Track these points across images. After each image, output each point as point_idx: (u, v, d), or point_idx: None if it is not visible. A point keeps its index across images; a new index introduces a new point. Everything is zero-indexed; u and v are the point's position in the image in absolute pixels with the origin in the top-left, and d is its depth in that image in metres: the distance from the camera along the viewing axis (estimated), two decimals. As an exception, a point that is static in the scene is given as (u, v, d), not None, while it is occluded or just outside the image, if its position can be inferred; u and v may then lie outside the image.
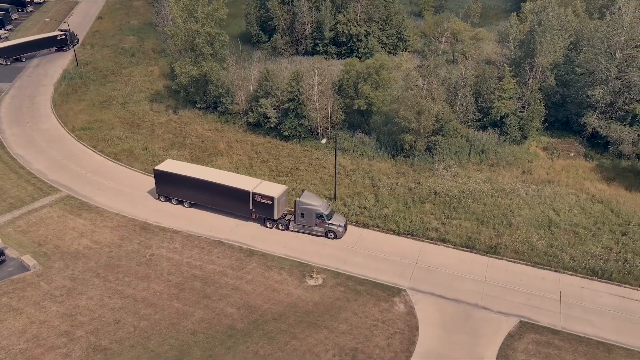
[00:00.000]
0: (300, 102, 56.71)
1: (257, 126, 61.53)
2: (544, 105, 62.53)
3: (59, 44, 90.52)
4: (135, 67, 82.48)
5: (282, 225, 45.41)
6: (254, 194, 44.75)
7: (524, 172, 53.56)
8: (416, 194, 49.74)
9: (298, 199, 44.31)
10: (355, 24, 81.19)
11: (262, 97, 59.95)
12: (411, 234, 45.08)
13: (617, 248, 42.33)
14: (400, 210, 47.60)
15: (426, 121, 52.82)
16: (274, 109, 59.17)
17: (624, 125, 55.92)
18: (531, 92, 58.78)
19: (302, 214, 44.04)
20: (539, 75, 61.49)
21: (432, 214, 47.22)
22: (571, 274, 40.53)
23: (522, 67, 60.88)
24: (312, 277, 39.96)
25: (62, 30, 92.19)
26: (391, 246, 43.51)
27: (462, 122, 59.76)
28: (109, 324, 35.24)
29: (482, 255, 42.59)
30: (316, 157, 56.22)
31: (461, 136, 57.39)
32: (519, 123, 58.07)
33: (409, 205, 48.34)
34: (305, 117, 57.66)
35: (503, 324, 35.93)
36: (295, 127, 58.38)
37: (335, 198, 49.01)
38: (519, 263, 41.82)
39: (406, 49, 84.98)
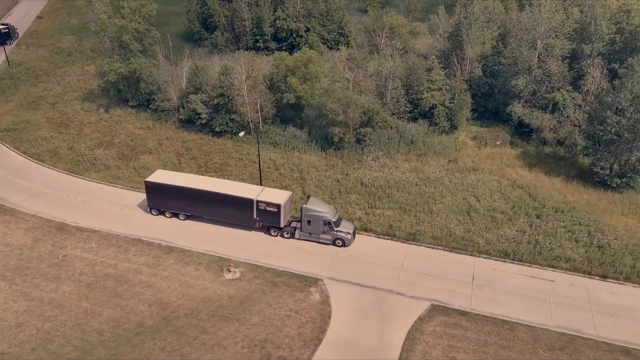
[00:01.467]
0: (230, 97, 56.30)
1: (189, 123, 60.71)
2: (474, 96, 64.11)
3: (3, 37, 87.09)
4: (70, 66, 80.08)
5: (287, 234, 43.35)
6: (258, 202, 42.35)
7: (450, 161, 54.61)
8: (343, 186, 50.07)
9: (304, 205, 42.31)
10: (295, 20, 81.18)
11: (192, 94, 59.22)
12: (334, 225, 45.32)
13: (530, 230, 43.65)
14: (326, 202, 47.78)
15: (353, 113, 53.21)
16: (205, 105, 58.50)
17: (546, 112, 57.77)
18: (460, 83, 59.99)
19: (309, 221, 42.10)
20: (468, 66, 62.94)
21: (357, 204, 47.62)
22: (485, 257, 41.55)
23: (451, 59, 62.20)
24: (229, 271, 39.67)
25: (3, 24, 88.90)
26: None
27: (393, 113, 60.55)
28: (10, 328, 34.05)
29: (402, 242, 43.19)
30: (247, 152, 55.89)
31: (391, 127, 58.13)
32: (447, 113, 59.21)
33: (335, 196, 48.63)
34: (236, 113, 57.26)
35: (415, 308, 36.50)
36: (226, 123, 57.87)
37: (261, 192, 48.83)
38: (437, 248, 42.62)
39: (348, 44, 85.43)
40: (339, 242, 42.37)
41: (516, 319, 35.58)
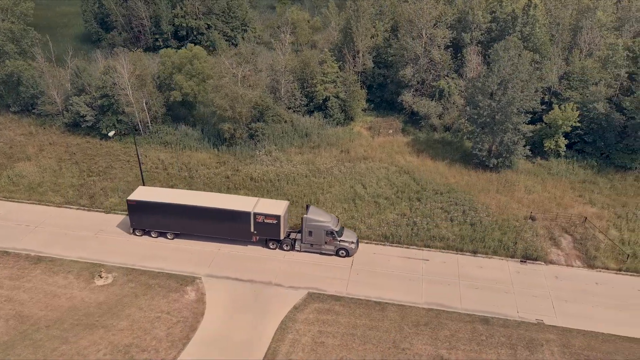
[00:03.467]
0: (115, 97, 54.04)
1: (75, 127, 57.76)
2: (370, 87, 65.60)
3: None
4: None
5: (287, 246, 40.88)
6: (255, 214, 39.68)
7: (342, 151, 55.37)
8: (232, 182, 49.41)
9: (305, 215, 39.87)
10: (195, 17, 79.55)
11: (75, 95, 56.33)
12: (219, 222, 44.63)
13: (410, 213, 45.02)
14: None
15: (242, 108, 52.67)
16: (90, 107, 55.82)
17: (433, 100, 59.97)
18: (351, 75, 61.00)
19: (310, 232, 39.78)
20: (361, 58, 64.15)
21: (244, 200, 47.13)
22: (367, 242, 42.35)
23: (343, 52, 63.13)
24: (100, 277, 37.93)
25: None
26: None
27: (289, 107, 60.67)
28: None
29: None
30: (135, 154, 53.86)
31: (285, 121, 58.14)
32: (340, 105, 60.05)
33: (223, 193, 47.85)
34: (124, 113, 55.06)
35: (291, 298, 36.47)
36: (114, 124, 55.55)
37: (145, 193, 47.21)
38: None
39: (251, 40, 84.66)
40: (342, 253, 40.19)
41: (389, 300, 36.44)
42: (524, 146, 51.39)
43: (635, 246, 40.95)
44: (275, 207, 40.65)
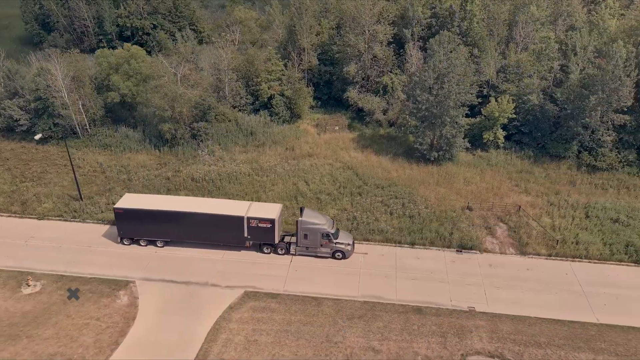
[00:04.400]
0: (50, 100, 52.25)
1: (10, 131, 55.62)
2: (317, 84, 65.70)
3: None
4: None
5: (281, 250, 40.07)
6: (249, 218, 38.76)
7: (287, 149, 55.24)
8: (173, 183, 48.55)
9: (300, 218, 39.22)
10: (140, 17, 77.85)
11: (7, 99, 54.17)
12: (158, 224, 43.75)
13: (351, 208, 45.27)
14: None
15: (182, 108, 51.81)
16: (24, 111, 53.82)
17: (377, 96, 60.54)
18: (294, 72, 60.89)
19: (306, 235, 39.10)
20: (306, 56, 64.15)
21: (184, 201, 46.37)
22: (307, 239, 42.31)
23: (288, 49, 62.99)
24: (28, 285, 36.56)
25: None
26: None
27: (234, 106, 60.12)
28: None
29: (224, 233, 42.65)
30: (72, 158, 52.18)
31: (229, 120, 57.57)
32: (286, 103, 59.88)
33: (163, 194, 46.93)
34: (61, 116, 53.31)
35: (227, 298, 36.05)
36: (50, 128, 53.73)
37: (81, 198, 45.85)
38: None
39: (201, 40, 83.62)
40: (338, 255, 39.60)
41: (326, 295, 36.49)
42: (464, 139, 52.55)
43: (565, 232, 42.35)
44: (269, 210, 39.75)
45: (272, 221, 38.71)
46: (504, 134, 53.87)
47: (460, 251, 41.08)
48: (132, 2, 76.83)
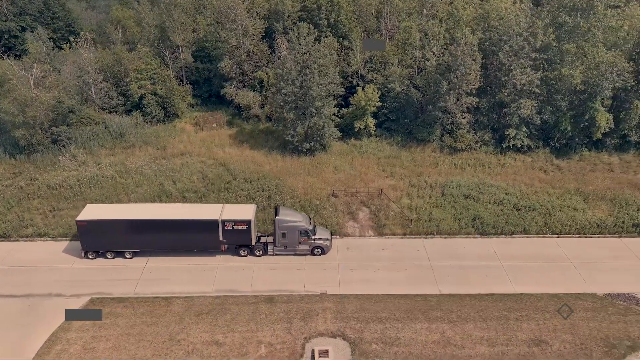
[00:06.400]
0: None
1: None
2: (196, 82, 64.38)
3: None
4: None
5: (259, 251, 39.34)
6: (224, 221, 37.63)
7: (158, 149, 53.61)
8: (26, 192, 45.49)
9: (277, 217, 38.45)
10: (5, 19, 72.40)
11: None
12: (3, 236, 40.86)
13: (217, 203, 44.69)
14: (2, 213, 42.96)
15: (34, 112, 48.64)
16: None
17: (255, 91, 60.35)
18: (165, 70, 59.28)
19: (284, 234, 38.47)
20: (182, 53, 62.66)
21: (36, 210, 43.63)
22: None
23: (160, 48, 61.22)
24: None
25: None
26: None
27: (103, 108, 57.49)
28: None
29: (76, 240, 40.51)
30: None
31: (96, 123, 54.92)
32: (159, 102, 58.10)
33: (12, 205, 43.89)
34: None
35: (70, 307, 34.17)
36: None
37: None
38: (119, 240, 41.05)
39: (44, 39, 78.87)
40: (317, 251, 39.40)
41: (178, 293, 35.68)
42: (336, 128, 53.64)
43: (421, 211, 44.35)
44: (244, 212, 39.08)
45: (248, 222, 38.18)
46: (375, 122, 55.59)
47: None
48: (-7, 2, 71.36)
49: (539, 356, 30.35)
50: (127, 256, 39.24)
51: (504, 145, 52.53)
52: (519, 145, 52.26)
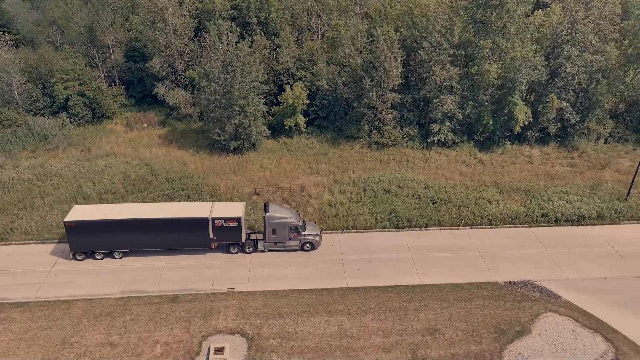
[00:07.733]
0: None
1: None
2: (129, 82, 63.60)
3: None
4: None
5: (249, 248, 39.34)
6: (214, 219, 37.47)
7: (82, 150, 52.72)
8: None
9: (267, 214, 38.45)
10: None
11: None
12: None
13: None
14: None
15: (-54, 115, 47.30)
16: None
17: (186, 90, 59.88)
18: (87, 71, 58.36)
19: (274, 230, 38.60)
20: (112, 53, 61.74)
21: (-58, 216, 42.41)
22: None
23: (88, 48, 60.22)
24: None
25: None
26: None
27: (28, 110, 56.22)
28: None
29: (-16, 245, 39.64)
30: None
31: (18, 125, 53.70)
32: (86, 103, 57.11)
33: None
34: None
35: (-37, 314, 33.33)
36: None
37: None
38: (28, 243, 40.22)
39: (18, 43, 77.23)
40: (307, 247, 39.53)
41: (81, 296, 35.05)
42: (266, 126, 53.60)
43: (340, 206, 44.65)
44: (233, 209, 38.96)
45: (238, 220, 38.06)
46: (306, 120, 55.77)
47: (238, 236, 41.64)
48: None
49: (432, 344, 30.88)
50: (117, 256, 38.81)
51: (429, 140, 53.38)
52: (444, 140, 53.16)
